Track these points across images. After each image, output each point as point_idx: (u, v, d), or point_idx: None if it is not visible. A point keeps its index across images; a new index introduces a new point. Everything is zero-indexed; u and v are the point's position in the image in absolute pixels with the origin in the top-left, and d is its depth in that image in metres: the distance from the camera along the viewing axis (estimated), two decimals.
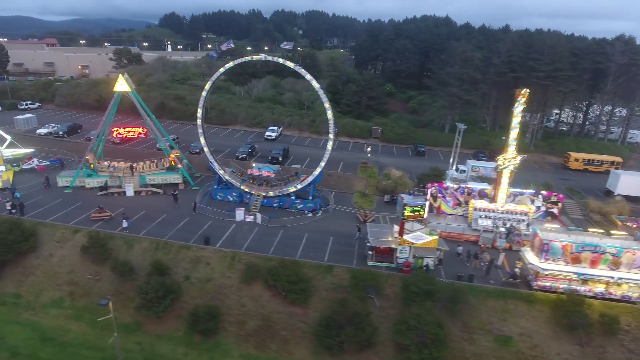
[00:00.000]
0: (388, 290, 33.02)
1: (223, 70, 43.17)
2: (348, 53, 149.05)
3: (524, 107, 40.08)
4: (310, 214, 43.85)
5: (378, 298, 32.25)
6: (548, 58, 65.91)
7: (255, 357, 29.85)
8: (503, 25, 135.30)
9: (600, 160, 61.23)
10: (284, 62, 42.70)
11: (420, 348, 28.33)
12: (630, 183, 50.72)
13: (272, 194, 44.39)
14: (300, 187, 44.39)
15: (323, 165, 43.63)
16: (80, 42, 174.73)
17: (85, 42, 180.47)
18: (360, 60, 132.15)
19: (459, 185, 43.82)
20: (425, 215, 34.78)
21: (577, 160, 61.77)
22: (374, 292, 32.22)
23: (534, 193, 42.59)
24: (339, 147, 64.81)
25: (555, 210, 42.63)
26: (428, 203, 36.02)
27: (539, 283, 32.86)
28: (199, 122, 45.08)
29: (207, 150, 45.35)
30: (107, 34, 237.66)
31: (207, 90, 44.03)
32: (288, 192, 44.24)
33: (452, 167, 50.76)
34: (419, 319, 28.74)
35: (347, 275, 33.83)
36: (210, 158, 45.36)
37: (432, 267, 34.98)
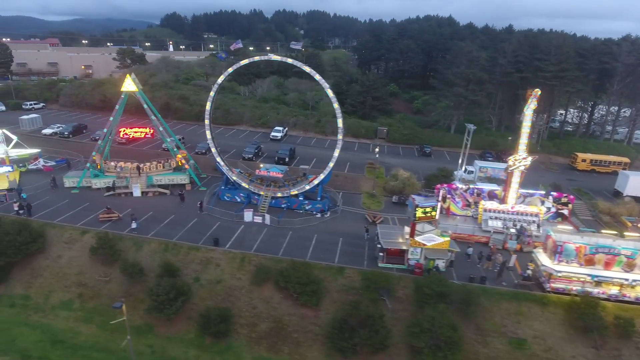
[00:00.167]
0: (400, 292, 32.77)
1: (231, 70, 43.00)
2: (351, 53, 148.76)
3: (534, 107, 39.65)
4: (319, 215, 43.58)
5: (390, 300, 32.01)
6: (555, 58, 65.65)
7: (268, 359, 29.61)
8: (506, 26, 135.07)
9: (608, 161, 60.94)
10: (293, 62, 42.45)
11: (434, 351, 28.11)
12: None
13: (280, 195, 44.11)
14: (309, 187, 44.16)
15: (332, 166, 43.36)
16: (83, 42, 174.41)
17: (87, 42, 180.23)
18: (363, 60, 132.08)
19: (468, 186, 43.54)
20: (437, 217, 34.55)
21: (584, 161, 61.46)
22: (386, 294, 31.99)
23: (545, 194, 42.30)
24: (345, 147, 63.92)
25: (566, 212, 42.32)
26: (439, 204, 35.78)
27: (552, 285, 32.60)
28: (207, 122, 44.85)
29: (214, 151, 45.09)
30: (108, 34, 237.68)
31: (215, 91, 43.86)
32: (296, 193, 43.99)
33: (461, 167, 50.42)
34: (433, 322, 28.48)
35: (358, 277, 33.57)
36: (218, 159, 45.11)
37: (443, 268, 34.73)
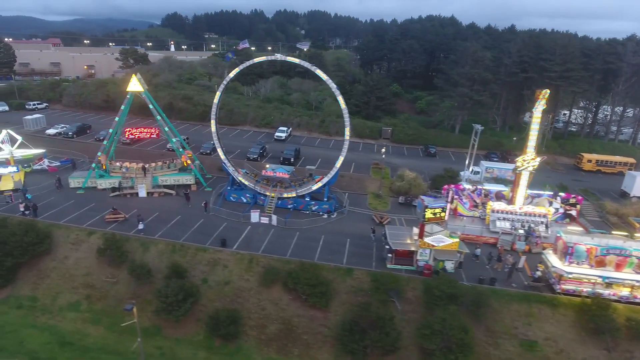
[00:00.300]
0: (409, 294, 32.57)
1: (238, 70, 42.64)
2: (353, 53, 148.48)
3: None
4: (326, 216, 43.37)
5: (399, 301, 31.81)
6: (560, 58, 65.43)
7: None
8: (508, 26, 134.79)
9: (614, 162, 60.73)
10: (301, 62, 42.27)
11: (446, 353, 27.89)
12: None
13: (289, 195, 43.89)
14: (315, 188, 43.96)
15: (338, 167, 43.15)
16: (85, 42, 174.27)
17: (89, 42, 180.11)
18: (366, 61, 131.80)
19: (476, 187, 43.31)
20: (446, 218, 34.36)
21: (590, 162, 61.25)
22: (396, 295, 31.79)
23: (552, 195, 42.08)
24: (350, 148, 62.71)
25: (574, 212, 42.09)
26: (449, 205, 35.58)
27: (562, 286, 32.40)
28: (213, 122, 44.61)
29: (220, 152, 44.85)
30: (109, 34, 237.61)
31: (221, 91, 43.64)
32: (303, 193, 43.80)
33: (468, 168, 50.19)
34: (444, 323, 28.27)
35: (367, 278, 33.37)
36: (224, 159, 44.89)
37: (452, 269, 34.52)
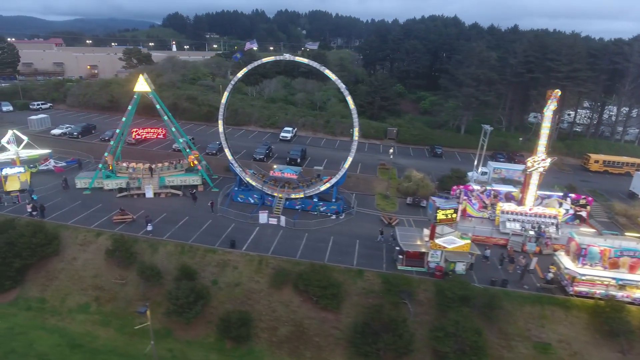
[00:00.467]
0: (421, 296, 32.31)
1: (246, 70, 42.36)
2: (356, 53, 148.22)
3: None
4: (334, 217, 43.12)
5: (411, 303, 31.55)
6: (566, 58, 65.16)
7: None
8: (511, 26, 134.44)
9: (621, 162, 60.47)
10: (309, 62, 41.99)
11: (459, 356, 27.69)
12: None
13: (297, 196, 43.65)
14: (323, 189, 43.71)
15: (347, 167, 42.91)
16: (87, 42, 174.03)
17: (91, 42, 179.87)
18: (369, 61, 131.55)
19: (485, 188, 43.06)
20: (458, 219, 34.13)
21: (597, 162, 60.99)
22: (408, 297, 31.53)
23: (562, 196, 41.84)
24: (356, 148, 64.09)
25: (584, 214, 41.85)
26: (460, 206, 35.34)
27: (575, 288, 32.14)
28: (220, 122, 44.37)
29: (228, 152, 44.59)
30: (111, 34, 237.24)
31: (229, 91, 43.40)
32: (311, 194, 43.55)
33: (477, 169, 49.89)
34: (457, 326, 28.05)
35: (378, 280, 33.14)
36: (232, 159, 44.64)
37: (463, 271, 34.24)
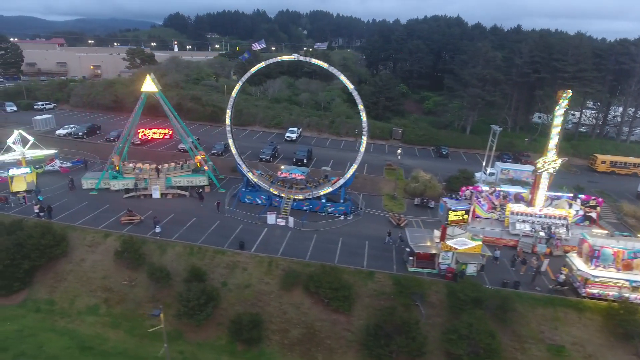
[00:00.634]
0: (432, 297, 32.08)
1: (254, 71, 42.18)
2: (358, 53, 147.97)
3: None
4: (342, 218, 42.87)
5: (423, 305, 31.32)
6: (572, 59, 64.93)
7: None
8: (514, 26, 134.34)
9: (628, 163, 60.20)
10: (317, 62, 41.80)
11: (473, 358, 27.50)
12: None
13: (305, 197, 43.42)
14: (331, 189, 43.48)
15: (355, 168, 42.68)
16: (89, 42, 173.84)
17: (93, 42, 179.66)
18: (372, 61, 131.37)
19: (494, 189, 42.84)
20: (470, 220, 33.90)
21: (604, 163, 60.73)
22: (419, 299, 31.30)
23: (572, 197, 41.61)
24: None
25: (594, 215, 41.63)
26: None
27: (588, 290, 31.91)
28: (228, 122, 44.20)
29: (235, 153, 44.38)
30: (112, 34, 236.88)
31: (237, 91, 43.26)
32: (319, 195, 43.34)
33: (486, 169, 49.55)
34: (470, 328, 27.84)
35: (389, 282, 32.91)
36: (239, 160, 44.43)
37: (474, 273, 33.99)
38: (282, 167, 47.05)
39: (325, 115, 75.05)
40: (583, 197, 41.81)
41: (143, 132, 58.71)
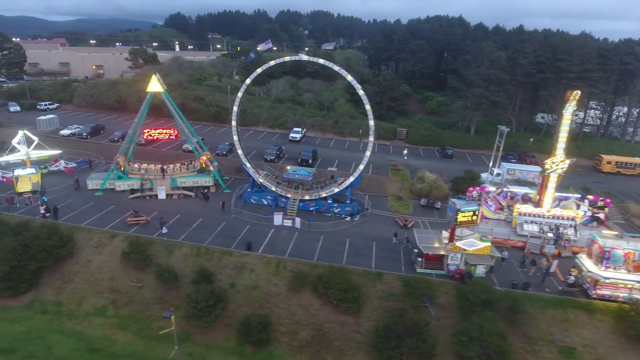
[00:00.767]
0: (442, 299, 31.90)
1: (260, 71, 42.16)
2: (361, 53, 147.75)
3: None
4: (349, 218, 42.69)
5: (433, 307, 31.15)
6: (577, 59, 64.75)
7: None
8: (516, 26, 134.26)
9: (634, 163, 60.00)
10: (325, 62, 41.67)
11: None
12: None
13: (311, 197, 43.24)
14: (338, 190, 43.32)
15: (362, 169, 42.50)
16: (91, 42, 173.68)
17: (95, 42, 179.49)
18: (374, 61, 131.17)
19: (501, 189, 42.65)
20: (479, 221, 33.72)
21: (609, 163, 60.53)
22: (429, 300, 31.13)
23: (580, 197, 41.43)
24: (365, 148, 63.51)
25: (602, 215, 41.45)
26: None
27: (598, 291, 31.74)
28: (234, 123, 44.01)
29: (241, 153, 44.19)
30: (113, 34, 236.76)
31: (242, 92, 43.14)
32: (326, 195, 43.17)
33: (492, 170, 49.36)
34: (481, 330, 27.64)
35: (398, 283, 32.74)
36: (245, 160, 44.24)
37: (483, 274, 33.80)
38: (287, 167, 46.88)
39: (329, 116, 74.86)
40: (591, 198, 41.59)
41: (149, 132, 58.48)
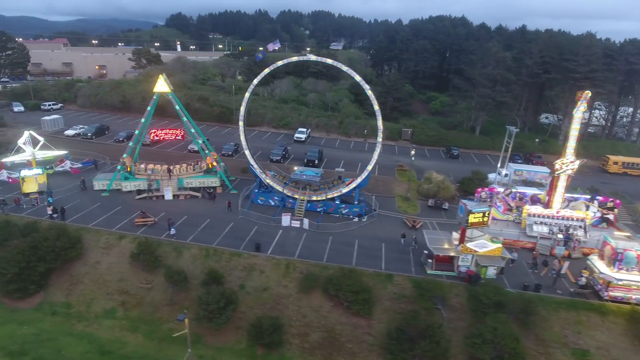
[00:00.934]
0: (453, 301, 31.71)
1: (268, 71, 41.98)
2: (363, 53, 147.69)
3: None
4: (357, 219, 42.48)
5: (444, 309, 30.94)
6: (583, 59, 64.54)
7: None
8: (518, 26, 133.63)
9: None
10: (333, 62, 41.46)
11: None
12: None
13: (319, 198, 43.01)
14: (345, 191, 43.11)
15: (370, 169, 42.29)
16: (92, 42, 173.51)
17: (97, 42, 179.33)
18: (376, 61, 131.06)
19: (510, 190, 42.45)
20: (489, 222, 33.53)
21: (616, 164, 60.33)
22: (441, 302, 30.92)
23: (590, 198, 41.22)
24: (370, 149, 63.46)
25: (611, 216, 41.22)
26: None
27: (610, 293, 31.55)
28: (241, 124, 43.88)
29: (248, 154, 43.99)
30: (114, 34, 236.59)
31: (250, 92, 43.02)
32: (333, 196, 42.97)
33: (501, 171, 49.11)
34: (495, 332, 27.43)
35: (408, 285, 32.55)
36: (252, 161, 44.04)
37: (494, 276, 33.58)
38: (295, 168, 46.68)
39: (334, 116, 74.69)
40: (600, 198, 41.38)
41: (155, 132, 58.26)
